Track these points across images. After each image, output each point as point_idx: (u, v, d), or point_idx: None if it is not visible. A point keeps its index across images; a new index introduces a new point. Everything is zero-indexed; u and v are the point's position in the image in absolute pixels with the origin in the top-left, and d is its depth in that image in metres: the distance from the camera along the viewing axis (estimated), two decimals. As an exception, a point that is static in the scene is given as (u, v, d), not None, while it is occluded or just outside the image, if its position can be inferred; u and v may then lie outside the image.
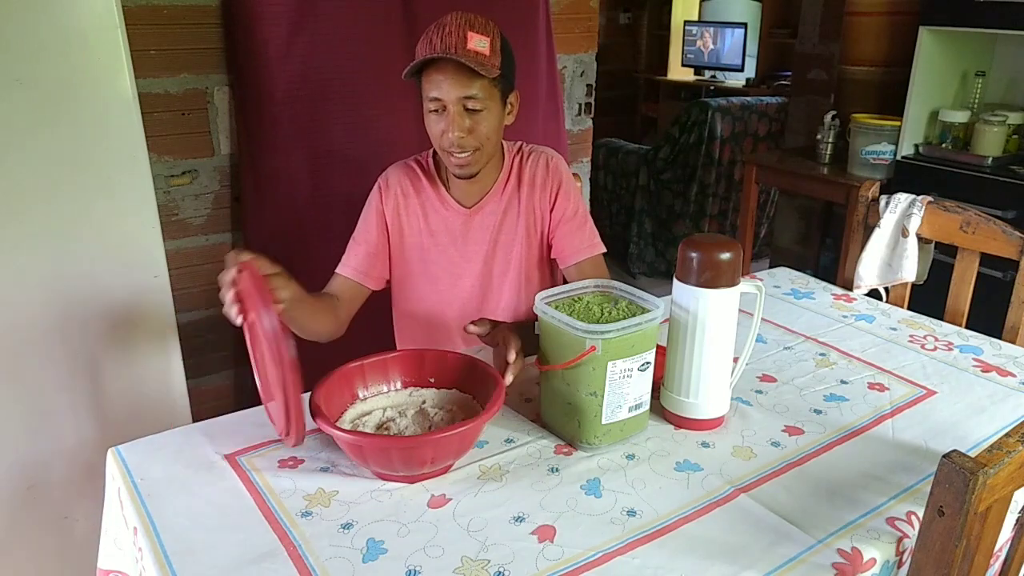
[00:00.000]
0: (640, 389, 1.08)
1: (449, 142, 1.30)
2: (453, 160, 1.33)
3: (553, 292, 1.15)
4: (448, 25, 1.25)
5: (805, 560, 0.88)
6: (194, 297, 2.08)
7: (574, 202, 1.48)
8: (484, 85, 1.27)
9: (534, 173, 1.46)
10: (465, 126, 1.29)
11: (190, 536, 0.91)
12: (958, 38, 2.53)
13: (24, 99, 1.32)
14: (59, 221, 1.40)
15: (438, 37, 1.25)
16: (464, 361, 1.14)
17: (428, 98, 1.29)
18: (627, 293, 1.15)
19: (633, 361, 1.05)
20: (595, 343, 1.02)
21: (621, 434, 1.09)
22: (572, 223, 1.47)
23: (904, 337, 1.48)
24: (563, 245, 1.47)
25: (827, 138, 2.94)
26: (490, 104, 1.30)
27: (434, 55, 1.24)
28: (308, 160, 2.03)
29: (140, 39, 1.67)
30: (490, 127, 1.32)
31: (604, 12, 5.81)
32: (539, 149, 1.50)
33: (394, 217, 1.44)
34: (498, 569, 0.86)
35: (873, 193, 1.74)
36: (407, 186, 1.45)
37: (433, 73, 1.27)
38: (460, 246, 1.47)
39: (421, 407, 1.11)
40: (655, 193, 3.93)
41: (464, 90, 1.26)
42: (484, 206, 1.45)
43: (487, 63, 1.26)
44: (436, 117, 1.30)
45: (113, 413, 1.53)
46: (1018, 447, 0.76)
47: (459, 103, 1.27)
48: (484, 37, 1.26)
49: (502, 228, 1.46)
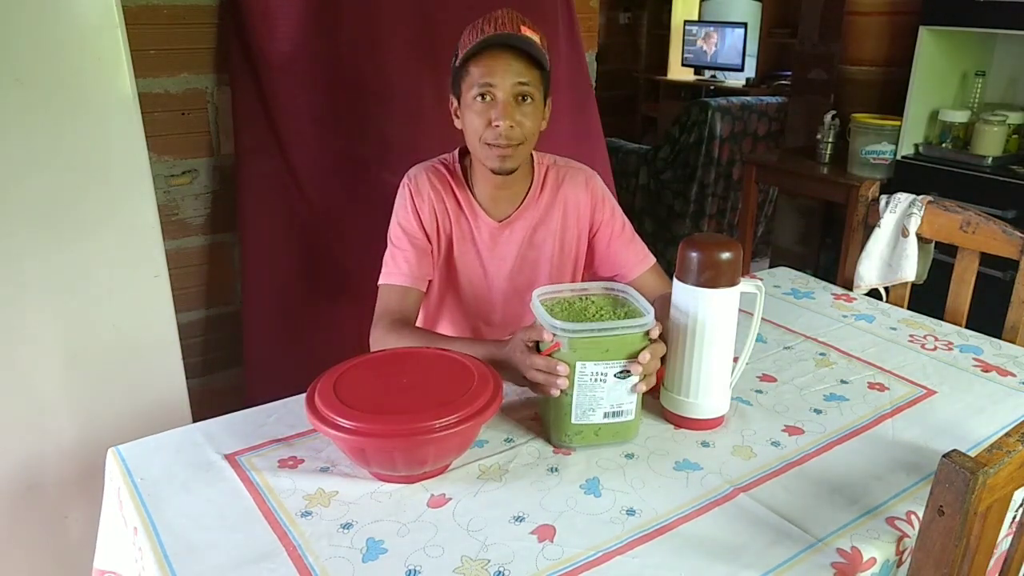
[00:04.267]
0: (618, 397, 1.07)
1: (496, 134, 1.24)
2: (496, 152, 1.27)
3: (553, 289, 1.15)
4: (501, 17, 1.24)
5: (804, 559, 0.88)
6: (194, 297, 2.08)
7: (620, 218, 1.46)
8: (536, 76, 1.25)
9: (570, 193, 1.42)
10: (515, 116, 1.25)
11: (190, 536, 0.91)
12: (958, 38, 2.53)
13: (24, 99, 1.32)
14: (59, 221, 1.40)
15: (491, 26, 1.23)
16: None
17: (478, 84, 1.24)
18: (633, 300, 1.13)
19: (607, 366, 1.04)
20: (561, 340, 1.04)
21: (596, 438, 1.09)
22: (622, 238, 1.45)
23: (904, 337, 1.48)
24: (620, 262, 1.45)
25: (827, 138, 2.94)
26: (538, 97, 1.27)
27: (487, 41, 1.21)
28: (307, 160, 2.03)
29: (140, 39, 1.67)
30: (535, 123, 1.29)
31: (604, 12, 5.81)
32: (574, 166, 1.46)
33: (430, 217, 1.39)
34: (498, 569, 0.86)
35: (873, 193, 1.74)
36: (437, 187, 1.38)
37: (486, 59, 1.23)
38: (486, 258, 1.43)
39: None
40: (655, 193, 3.93)
41: (518, 75, 1.23)
42: (514, 221, 1.40)
43: (542, 55, 1.25)
44: (482, 106, 1.25)
45: (113, 413, 1.52)
46: (1018, 447, 0.76)
47: (511, 90, 1.24)
48: (535, 33, 1.25)
49: (531, 244, 1.43)
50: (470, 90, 1.26)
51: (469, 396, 1.01)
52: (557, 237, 1.43)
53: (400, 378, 1.07)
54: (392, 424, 0.96)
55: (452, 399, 1.00)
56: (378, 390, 1.04)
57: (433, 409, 0.98)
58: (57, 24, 1.32)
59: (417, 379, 1.07)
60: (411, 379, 1.07)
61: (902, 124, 2.63)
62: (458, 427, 0.96)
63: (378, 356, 1.14)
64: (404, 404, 1.01)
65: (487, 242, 1.42)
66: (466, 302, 1.47)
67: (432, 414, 0.97)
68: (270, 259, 2.06)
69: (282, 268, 2.08)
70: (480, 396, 1.01)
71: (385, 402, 1.01)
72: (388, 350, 1.17)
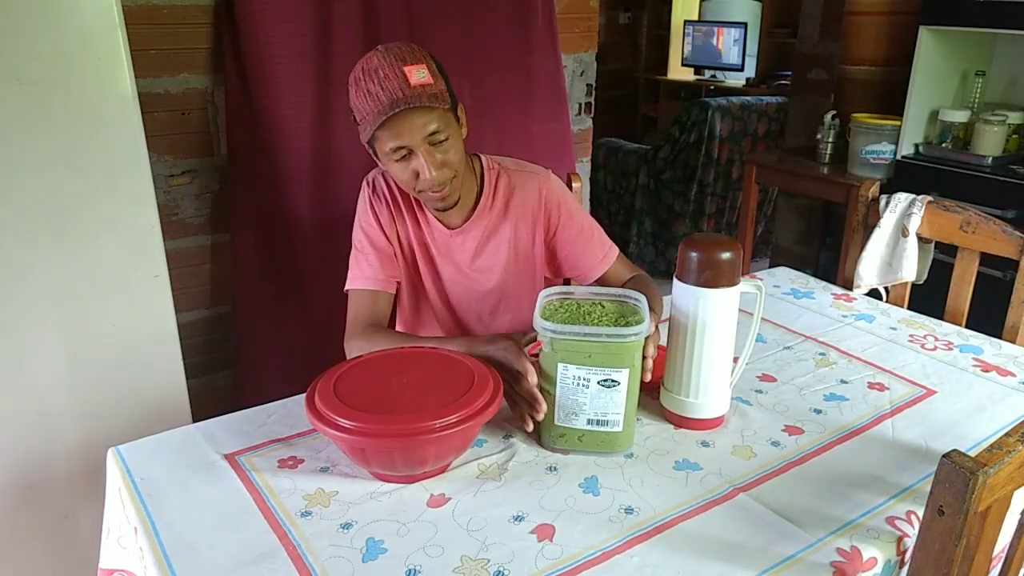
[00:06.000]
0: (602, 406, 1.05)
1: (427, 183, 1.24)
2: (433, 196, 1.28)
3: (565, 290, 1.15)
4: (381, 69, 1.18)
5: (803, 559, 0.88)
6: (194, 297, 2.08)
7: (578, 219, 1.44)
8: (440, 114, 1.22)
9: (523, 199, 1.40)
10: (437, 162, 1.23)
11: (190, 536, 0.91)
12: (958, 38, 2.53)
13: (24, 99, 1.32)
14: (59, 221, 1.40)
15: (377, 86, 1.18)
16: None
17: (390, 150, 1.22)
18: (643, 313, 1.09)
19: (590, 372, 1.04)
20: (543, 338, 1.04)
21: (580, 444, 1.08)
22: (580, 240, 1.43)
23: (904, 337, 1.48)
24: (580, 263, 1.43)
25: (827, 138, 2.94)
26: (451, 131, 1.25)
27: (386, 113, 1.17)
28: (300, 161, 2.03)
29: (140, 39, 1.67)
30: (458, 151, 1.27)
31: (604, 12, 5.81)
32: (528, 170, 1.43)
33: (389, 220, 1.39)
34: (498, 568, 0.86)
35: (873, 193, 1.74)
36: (394, 192, 1.39)
37: (389, 127, 1.20)
38: (440, 265, 1.42)
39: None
40: (655, 193, 3.93)
41: (425, 128, 1.20)
42: (467, 230, 1.39)
43: (437, 93, 1.21)
44: (403, 165, 1.24)
45: (113, 413, 1.53)
46: (1018, 447, 0.76)
47: (425, 142, 1.22)
48: (420, 66, 1.20)
49: (485, 251, 1.41)
50: (384, 150, 1.24)
51: (469, 396, 1.01)
52: (510, 244, 1.42)
53: (400, 378, 1.07)
54: (392, 424, 0.96)
55: (452, 399, 1.00)
56: (378, 390, 1.04)
57: (433, 409, 0.98)
58: (57, 24, 1.32)
59: (417, 379, 1.07)
60: (411, 379, 1.07)
61: (902, 124, 2.63)
62: (458, 427, 0.96)
63: (378, 356, 1.14)
64: (404, 404, 1.01)
65: (441, 249, 1.41)
66: (436, 309, 1.47)
67: (432, 414, 0.97)
68: (261, 260, 2.06)
69: (273, 268, 2.08)
70: (480, 396, 1.01)
71: (385, 402, 1.01)
72: (388, 350, 1.16)
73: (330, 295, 2.09)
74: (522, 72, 2.32)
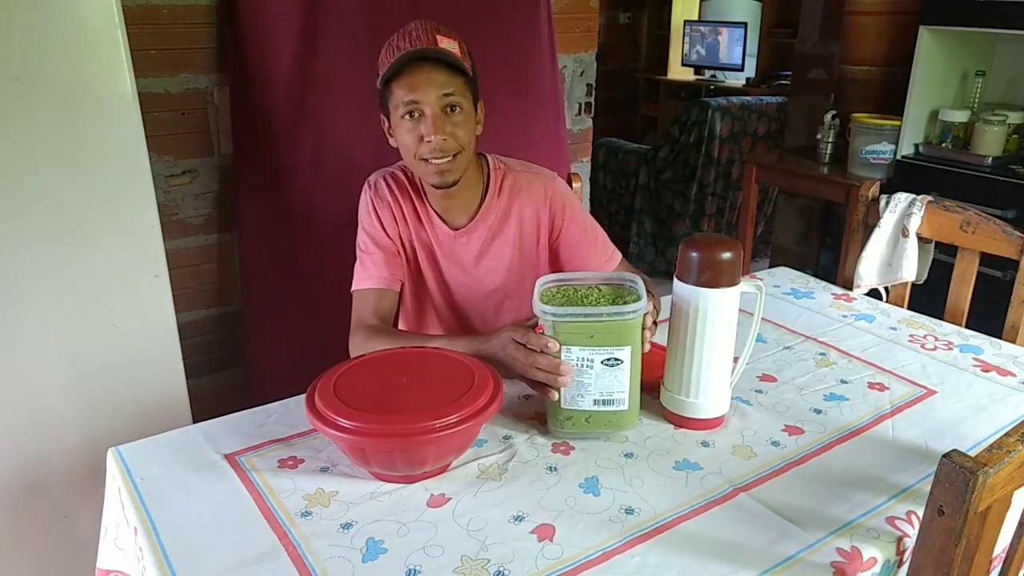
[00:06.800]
0: (609, 385, 1.07)
1: (430, 148, 1.23)
2: (432, 167, 1.26)
3: (562, 277, 1.16)
4: (415, 30, 1.21)
5: (803, 559, 0.88)
6: (194, 297, 2.08)
7: (581, 220, 1.44)
8: (460, 84, 1.23)
9: (527, 200, 1.41)
10: (445, 128, 1.23)
11: (190, 536, 0.91)
12: (958, 38, 2.53)
13: (24, 99, 1.32)
14: (59, 221, 1.40)
15: (406, 42, 1.20)
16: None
17: (402, 103, 1.22)
18: (640, 291, 1.11)
19: (593, 352, 1.05)
20: (545, 322, 1.05)
21: (588, 425, 1.10)
22: (583, 243, 1.43)
23: (904, 337, 1.48)
24: (582, 266, 1.43)
25: (827, 138, 2.94)
26: (467, 105, 1.25)
27: (405, 60, 1.18)
28: (305, 160, 2.03)
29: (140, 39, 1.67)
30: (468, 132, 1.27)
31: (604, 12, 5.81)
32: (533, 171, 1.44)
33: (391, 222, 1.39)
34: (498, 568, 0.86)
35: (873, 193, 1.74)
36: (396, 194, 1.39)
37: (406, 76, 1.20)
38: (444, 266, 1.42)
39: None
40: (655, 193, 3.93)
41: (442, 87, 1.21)
42: (471, 230, 1.39)
43: (461, 64, 1.22)
44: (411, 124, 1.23)
45: (113, 413, 1.53)
46: (1018, 447, 0.76)
47: (438, 103, 1.21)
48: (452, 40, 1.22)
49: (489, 252, 1.42)
50: (397, 109, 1.24)
51: (469, 396, 1.01)
52: (515, 244, 1.42)
53: (400, 378, 1.07)
54: (392, 424, 0.96)
55: (452, 399, 1.00)
56: (378, 390, 1.04)
57: (433, 409, 0.98)
58: (57, 24, 1.32)
59: (417, 379, 1.07)
60: (411, 379, 1.07)
61: (902, 124, 2.63)
62: (458, 427, 0.96)
63: (378, 356, 1.14)
64: (404, 404, 1.01)
65: (445, 250, 1.41)
66: (439, 309, 1.47)
67: (432, 414, 0.97)
68: (268, 258, 2.06)
69: (280, 267, 2.08)
70: (480, 396, 1.01)
71: (385, 402, 1.01)
72: (388, 350, 1.16)
73: (338, 294, 2.10)
74: (518, 73, 2.32)
